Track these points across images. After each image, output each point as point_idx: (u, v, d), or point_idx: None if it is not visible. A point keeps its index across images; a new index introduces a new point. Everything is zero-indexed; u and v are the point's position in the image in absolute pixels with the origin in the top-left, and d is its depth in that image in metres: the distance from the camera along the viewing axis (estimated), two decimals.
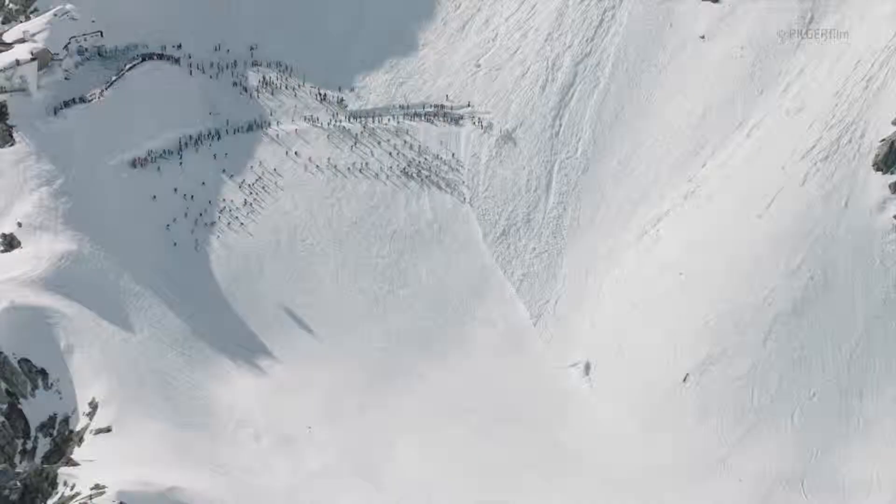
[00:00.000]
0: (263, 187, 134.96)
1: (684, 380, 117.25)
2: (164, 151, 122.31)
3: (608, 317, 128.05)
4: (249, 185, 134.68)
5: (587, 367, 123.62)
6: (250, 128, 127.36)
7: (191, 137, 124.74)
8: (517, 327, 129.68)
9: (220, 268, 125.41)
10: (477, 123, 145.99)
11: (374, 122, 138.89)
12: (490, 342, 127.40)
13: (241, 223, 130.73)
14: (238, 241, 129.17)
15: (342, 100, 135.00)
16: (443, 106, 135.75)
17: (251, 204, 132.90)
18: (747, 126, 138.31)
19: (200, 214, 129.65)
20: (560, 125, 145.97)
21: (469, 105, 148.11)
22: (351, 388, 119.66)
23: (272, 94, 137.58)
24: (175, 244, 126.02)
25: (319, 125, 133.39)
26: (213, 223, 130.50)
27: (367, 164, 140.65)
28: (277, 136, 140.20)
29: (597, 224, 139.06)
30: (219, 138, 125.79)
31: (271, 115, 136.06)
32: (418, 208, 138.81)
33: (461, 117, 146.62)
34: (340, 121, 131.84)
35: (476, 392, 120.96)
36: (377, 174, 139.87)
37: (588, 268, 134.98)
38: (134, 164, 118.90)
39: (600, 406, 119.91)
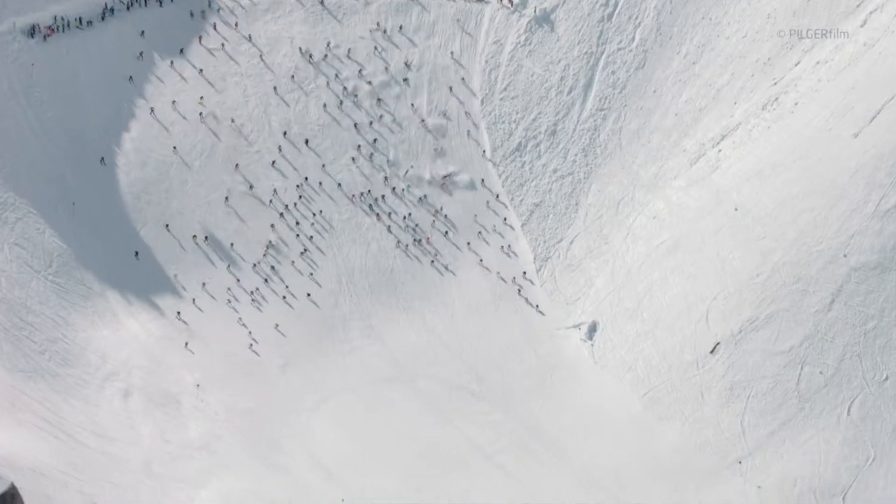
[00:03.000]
0: (206, 75, 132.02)
1: (713, 350, 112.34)
2: (78, 20, 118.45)
3: (632, 266, 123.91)
4: (188, 76, 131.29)
5: (591, 330, 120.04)
6: None
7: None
8: (514, 272, 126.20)
9: (129, 179, 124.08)
10: (506, 1, 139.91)
11: None
12: (474, 289, 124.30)
13: (168, 126, 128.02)
14: (159, 145, 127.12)
15: None
16: None
17: (187, 98, 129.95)
18: (864, 11, 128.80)
19: (116, 110, 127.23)
20: (616, 5, 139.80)
21: None
22: (276, 341, 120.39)
23: None
24: (77, 145, 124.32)
25: None
26: (130, 121, 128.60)
27: (350, 50, 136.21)
28: (232, 8, 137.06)
29: (643, 140, 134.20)
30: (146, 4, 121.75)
31: None
32: (410, 110, 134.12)
33: None
34: None
35: (442, 352, 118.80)
36: (362, 69, 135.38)
37: (621, 199, 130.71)
38: (32, 32, 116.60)
39: (599, 380, 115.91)
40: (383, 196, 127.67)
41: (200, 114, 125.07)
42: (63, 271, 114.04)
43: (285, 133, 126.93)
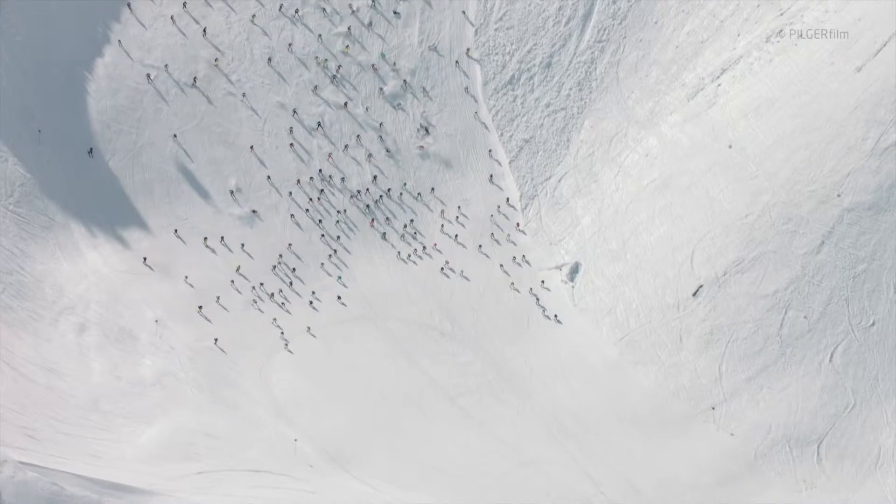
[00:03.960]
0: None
1: (695, 293, 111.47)
2: None
3: (619, 205, 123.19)
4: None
5: (573, 272, 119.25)
6: None
7: None
8: (498, 210, 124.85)
9: (100, 107, 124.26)
10: None
11: None
12: (454, 227, 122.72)
13: (144, 52, 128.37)
14: (133, 72, 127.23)
15: None
16: None
17: (162, 13, 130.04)
18: None
19: (89, 34, 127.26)
20: None
21: None
22: (244, 279, 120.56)
23: None
24: (45, 71, 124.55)
25: None
26: (104, 45, 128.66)
27: None
28: None
29: (641, 74, 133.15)
30: None
31: None
32: (399, 38, 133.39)
33: None
34: None
35: (415, 292, 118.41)
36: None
37: (614, 136, 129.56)
38: None
39: (576, 323, 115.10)
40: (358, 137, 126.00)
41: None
42: (25, 201, 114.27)
43: (269, 60, 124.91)
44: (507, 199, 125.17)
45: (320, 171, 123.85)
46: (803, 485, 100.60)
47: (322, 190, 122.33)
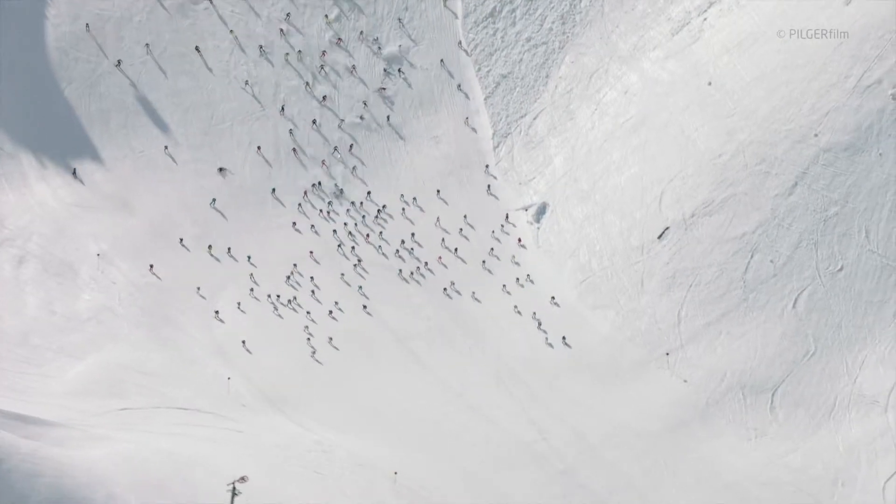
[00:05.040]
0: None
1: (661, 236, 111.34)
2: None
3: (593, 144, 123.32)
4: None
5: (540, 212, 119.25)
6: None
7: None
8: (470, 147, 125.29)
9: (58, 32, 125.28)
10: None
11: None
12: (424, 162, 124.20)
13: None
14: None
15: None
16: None
17: None
18: None
19: None
20: None
21: None
22: (196, 209, 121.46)
23: None
24: None
25: None
26: None
27: None
28: None
29: (626, 7, 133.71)
30: None
31: None
32: None
33: None
34: None
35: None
36: None
37: (594, 71, 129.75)
38: None
39: (539, 265, 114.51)
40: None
41: None
42: None
43: None
44: (477, 138, 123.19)
45: (282, 108, 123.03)
46: (754, 433, 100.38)
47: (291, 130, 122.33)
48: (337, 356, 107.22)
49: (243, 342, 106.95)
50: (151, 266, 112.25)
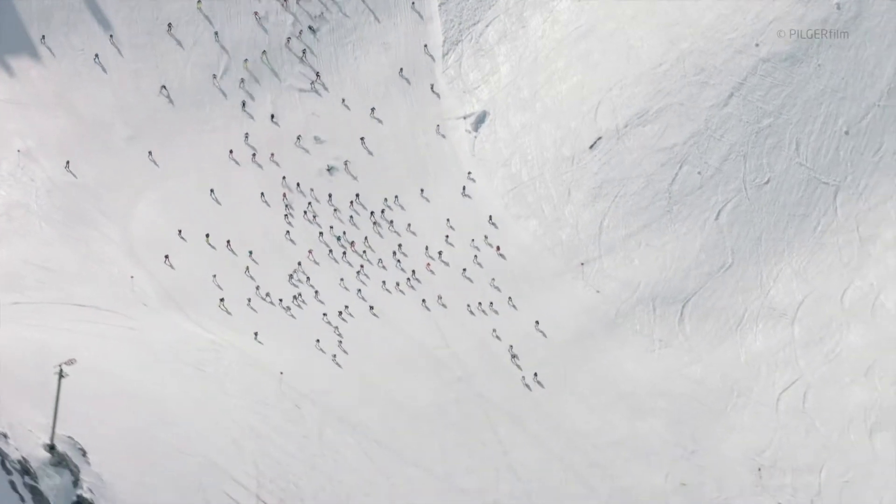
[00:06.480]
0: None
1: (592, 146, 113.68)
2: None
3: (540, 52, 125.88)
4: None
5: (479, 121, 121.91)
6: None
7: None
8: (418, 56, 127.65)
9: None
10: None
11: None
12: (368, 69, 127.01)
13: None
14: None
15: None
16: None
17: None
18: None
19: None
20: None
21: None
22: (131, 110, 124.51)
23: None
24: None
25: None
26: None
27: None
28: None
29: None
30: None
31: None
32: None
33: None
34: None
35: (302, 134, 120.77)
36: None
37: None
38: None
39: (468, 178, 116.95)
40: None
41: None
42: None
43: None
44: (426, 46, 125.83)
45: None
46: (659, 344, 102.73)
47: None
48: (255, 258, 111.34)
49: (158, 239, 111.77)
50: (68, 163, 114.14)
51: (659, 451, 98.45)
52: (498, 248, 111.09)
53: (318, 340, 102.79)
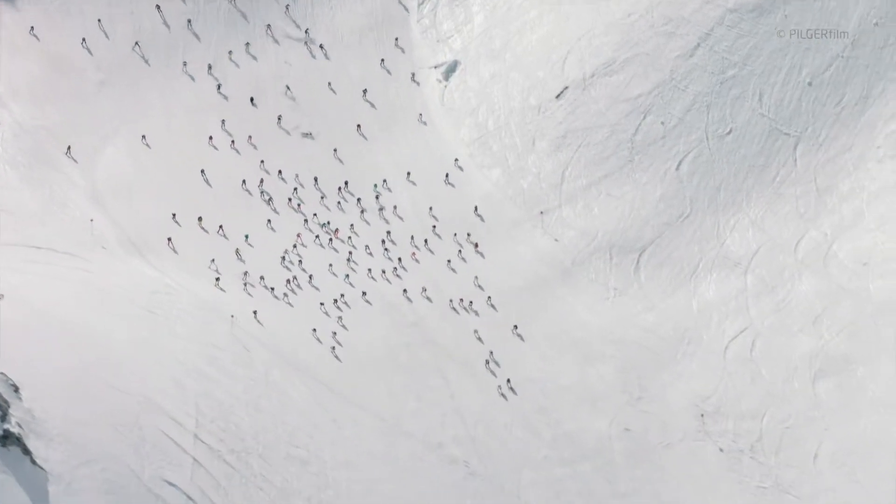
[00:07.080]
0: None
1: (559, 95, 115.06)
2: None
3: (514, 1, 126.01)
4: None
5: (450, 70, 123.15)
6: None
7: None
8: (392, 5, 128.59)
9: None
10: None
11: None
12: (344, 18, 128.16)
13: None
14: None
15: None
16: None
17: None
18: None
19: None
20: None
21: None
22: (104, 53, 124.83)
23: None
24: None
25: None
26: None
27: None
28: None
29: None
30: None
31: None
32: None
33: None
34: None
35: (273, 84, 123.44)
36: None
37: None
38: None
39: (437, 125, 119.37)
40: None
41: None
42: None
43: None
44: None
45: None
46: (613, 292, 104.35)
47: None
48: (217, 206, 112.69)
49: (123, 184, 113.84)
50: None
51: (606, 397, 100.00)
52: (477, 245, 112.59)
53: (272, 288, 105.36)
